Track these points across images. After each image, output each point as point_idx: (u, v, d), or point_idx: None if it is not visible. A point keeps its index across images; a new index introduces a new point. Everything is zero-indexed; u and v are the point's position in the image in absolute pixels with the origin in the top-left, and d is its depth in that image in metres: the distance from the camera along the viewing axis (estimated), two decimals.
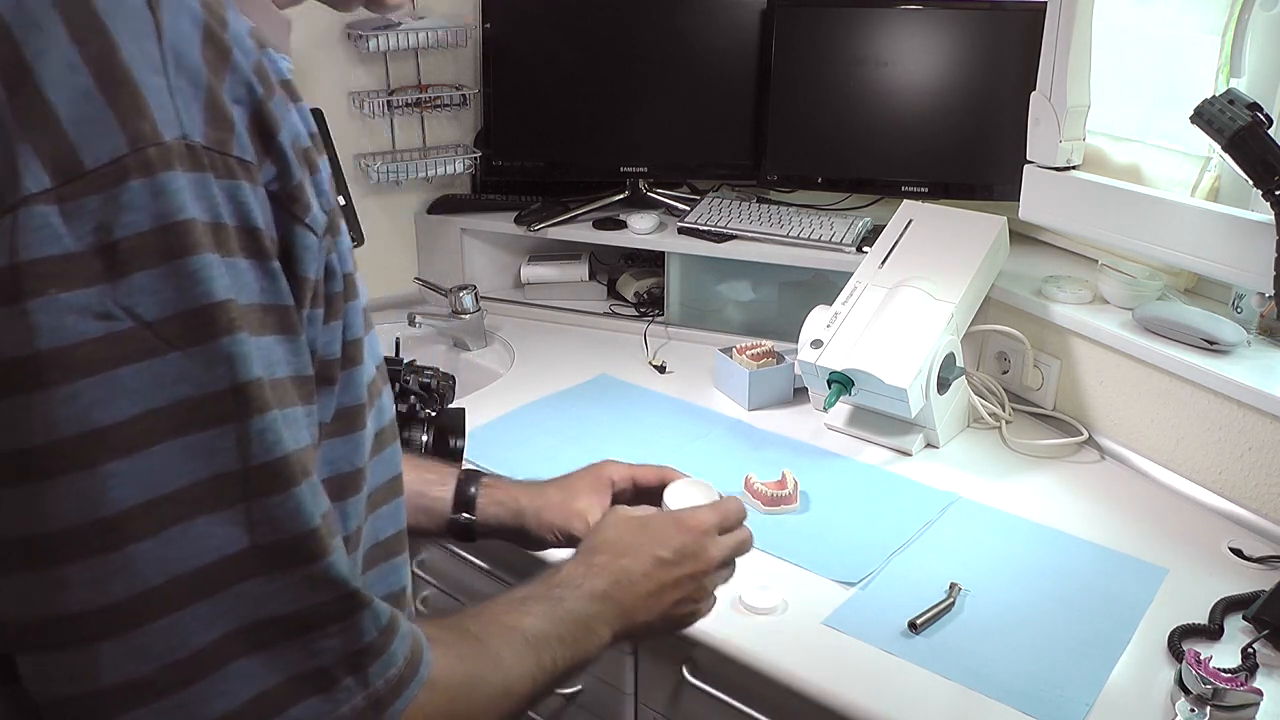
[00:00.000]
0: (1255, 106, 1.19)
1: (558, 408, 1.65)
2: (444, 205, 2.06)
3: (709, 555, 0.86)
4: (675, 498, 0.95)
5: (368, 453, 0.63)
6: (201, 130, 0.49)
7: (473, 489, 0.98)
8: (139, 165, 0.46)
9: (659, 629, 0.84)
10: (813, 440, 1.57)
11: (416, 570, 1.55)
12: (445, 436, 1.28)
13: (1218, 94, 1.23)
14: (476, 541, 0.99)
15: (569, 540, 0.96)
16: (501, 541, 1.00)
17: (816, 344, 1.52)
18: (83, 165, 0.46)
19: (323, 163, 0.58)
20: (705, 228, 1.88)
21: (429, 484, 0.98)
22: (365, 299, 0.64)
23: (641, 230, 1.93)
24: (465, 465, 1.04)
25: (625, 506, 0.90)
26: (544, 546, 0.99)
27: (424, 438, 1.32)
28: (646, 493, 1.00)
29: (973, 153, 1.83)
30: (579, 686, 1.38)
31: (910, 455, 1.52)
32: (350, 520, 0.61)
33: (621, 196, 2.04)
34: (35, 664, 0.49)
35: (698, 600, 0.87)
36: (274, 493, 0.50)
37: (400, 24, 1.87)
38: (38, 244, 0.45)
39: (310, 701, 0.52)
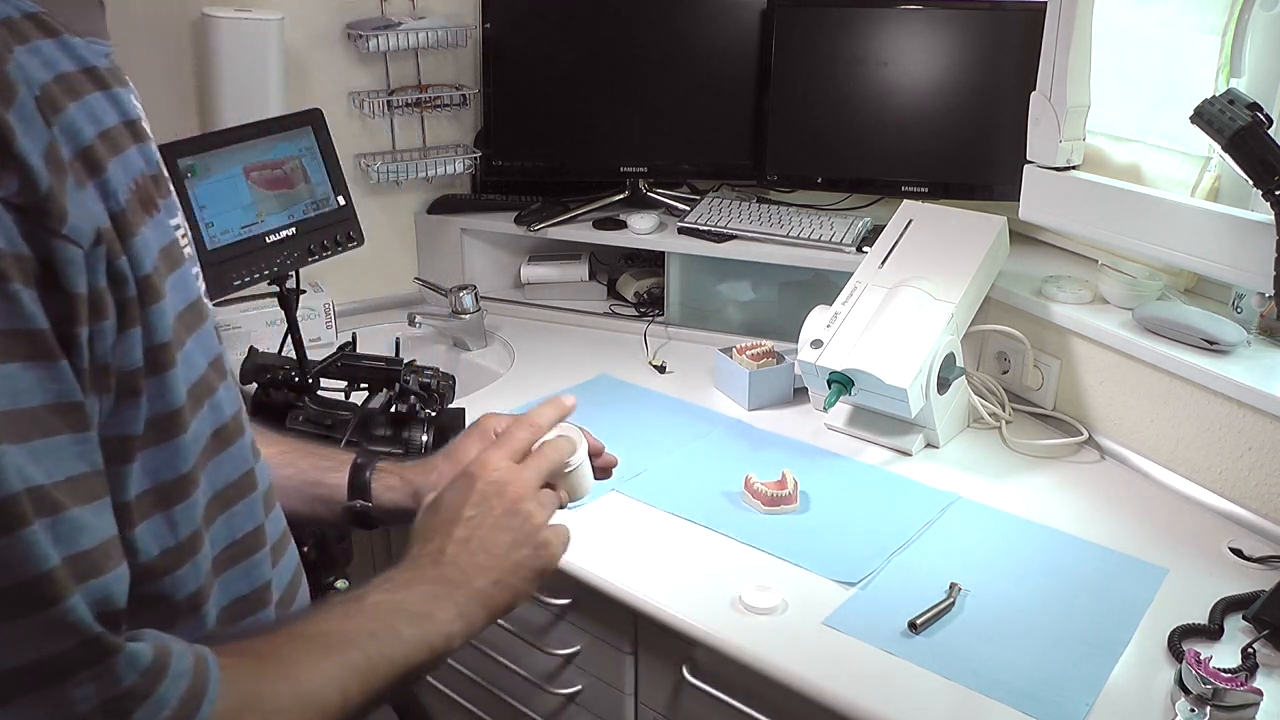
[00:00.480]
0: (1255, 106, 1.19)
1: None
2: (444, 205, 2.06)
3: (514, 484, 0.79)
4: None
5: (195, 457, 0.60)
6: None
7: (368, 474, 0.93)
8: None
9: (517, 583, 0.78)
10: (813, 440, 1.57)
11: None
12: (445, 436, 1.28)
13: (1218, 94, 1.23)
14: (377, 529, 0.95)
15: None
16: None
17: (816, 344, 1.52)
18: None
19: (119, 161, 0.55)
20: (705, 228, 1.88)
21: (323, 471, 0.93)
22: (190, 297, 0.61)
23: (641, 230, 1.93)
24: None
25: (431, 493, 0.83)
26: None
27: (424, 438, 1.32)
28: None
29: (973, 153, 1.83)
30: (579, 686, 1.39)
31: (910, 455, 1.52)
32: (181, 528, 0.59)
33: (621, 196, 2.04)
34: None
35: (535, 534, 0.80)
36: (1, 535, 0.47)
37: (400, 24, 1.87)
38: None
39: None
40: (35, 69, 0.51)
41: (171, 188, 0.62)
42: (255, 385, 1.39)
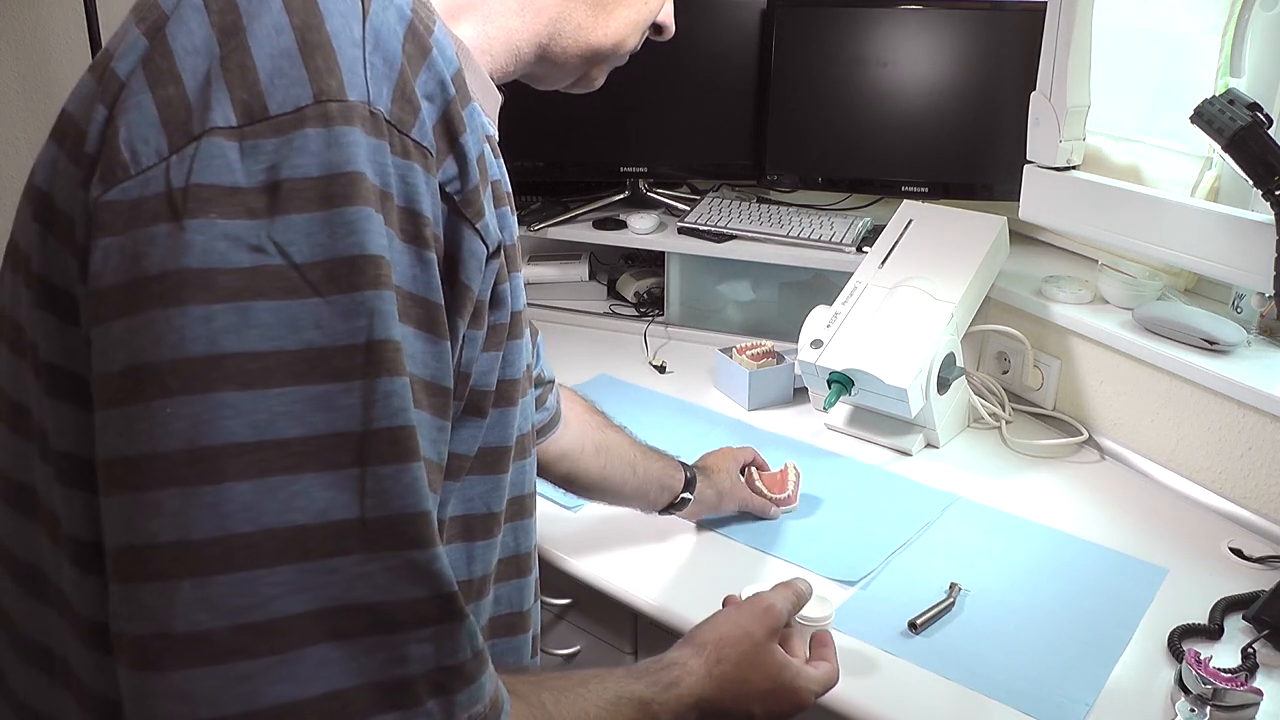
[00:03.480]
0: (1255, 106, 1.19)
1: None
2: None
3: (786, 714, 0.86)
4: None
5: (504, 504, 0.61)
6: (387, 105, 0.50)
7: (692, 474, 1.24)
8: (319, 116, 0.48)
9: None
10: (813, 440, 1.57)
11: None
12: None
13: (1218, 94, 1.23)
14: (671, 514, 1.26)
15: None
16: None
17: (816, 344, 1.52)
18: (267, 110, 0.48)
19: (508, 211, 0.59)
20: (705, 228, 1.88)
21: (671, 467, 1.23)
22: (529, 360, 0.63)
23: (641, 230, 1.93)
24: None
25: (767, 628, 0.86)
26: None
27: None
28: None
29: (973, 153, 1.83)
30: None
31: (910, 455, 1.52)
32: (476, 565, 0.59)
33: (621, 196, 2.04)
34: (119, 595, 0.47)
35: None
36: (391, 462, 0.48)
37: None
38: (211, 171, 0.47)
39: (386, 717, 0.48)
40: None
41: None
42: None
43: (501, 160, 0.59)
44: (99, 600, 0.51)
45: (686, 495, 1.24)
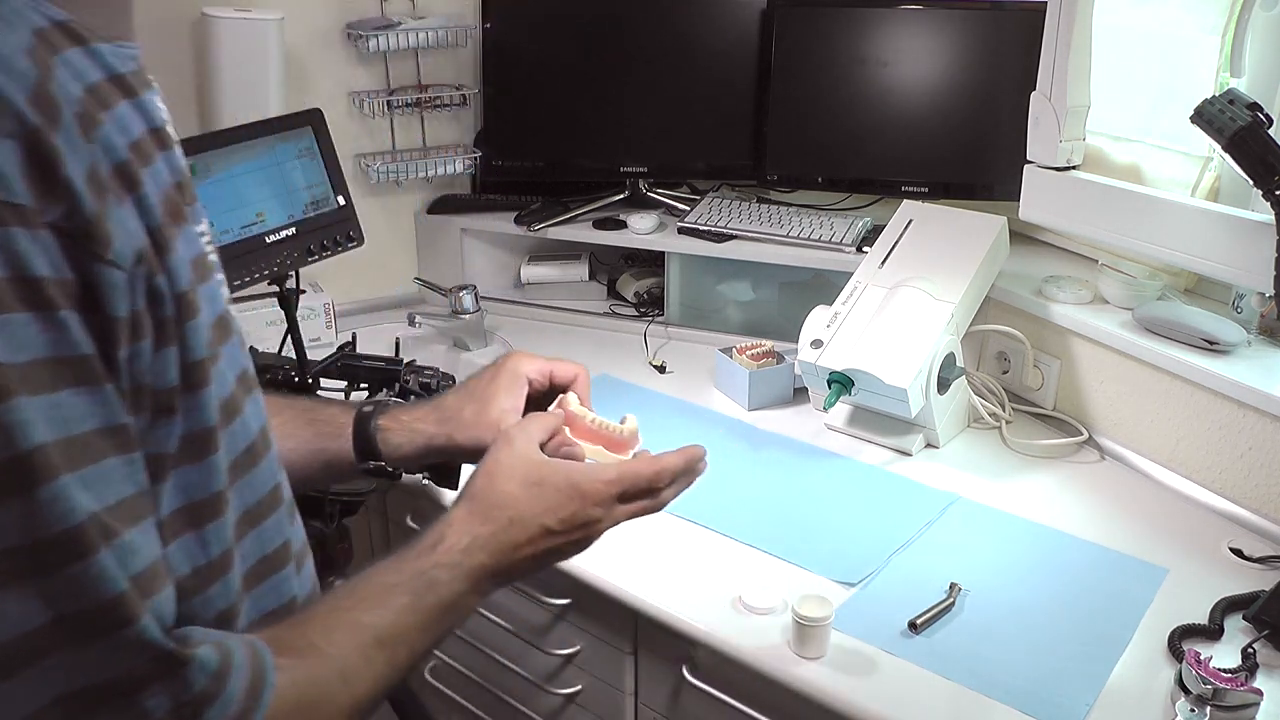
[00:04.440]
0: (1255, 106, 1.19)
1: None
2: (444, 205, 2.06)
3: (600, 526, 0.80)
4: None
5: (225, 475, 0.60)
6: None
7: (371, 430, 0.91)
8: None
9: (523, 579, 0.82)
10: (813, 440, 1.57)
11: None
12: None
13: (1218, 94, 1.23)
14: (402, 479, 0.95)
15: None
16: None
17: (816, 344, 1.52)
18: None
19: (152, 172, 0.53)
20: (705, 228, 1.88)
21: (325, 438, 0.92)
22: (219, 309, 0.60)
23: (641, 230, 1.93)
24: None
25: (524, 443, 0.80)
26: (461, 468, 0.96)
27: None
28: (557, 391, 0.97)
29: (973, 153, 1.83)
30: (579, 686, 1.38)
31: (910, 455, 1.52)
32: (212, 547, 0.59)
33: (621, 196, 2.04)
34: None
35: (572, 555, 0.81)
36: (71, 563, 0.48)
37: (400, 24, 1.87)
38: None
39: None
40: (69, 83, 0.49)
41: (195, 193, 0.61)
42: None
43: (140, 98, 0.53)
44: None
45: (375, 464, 0.93)
